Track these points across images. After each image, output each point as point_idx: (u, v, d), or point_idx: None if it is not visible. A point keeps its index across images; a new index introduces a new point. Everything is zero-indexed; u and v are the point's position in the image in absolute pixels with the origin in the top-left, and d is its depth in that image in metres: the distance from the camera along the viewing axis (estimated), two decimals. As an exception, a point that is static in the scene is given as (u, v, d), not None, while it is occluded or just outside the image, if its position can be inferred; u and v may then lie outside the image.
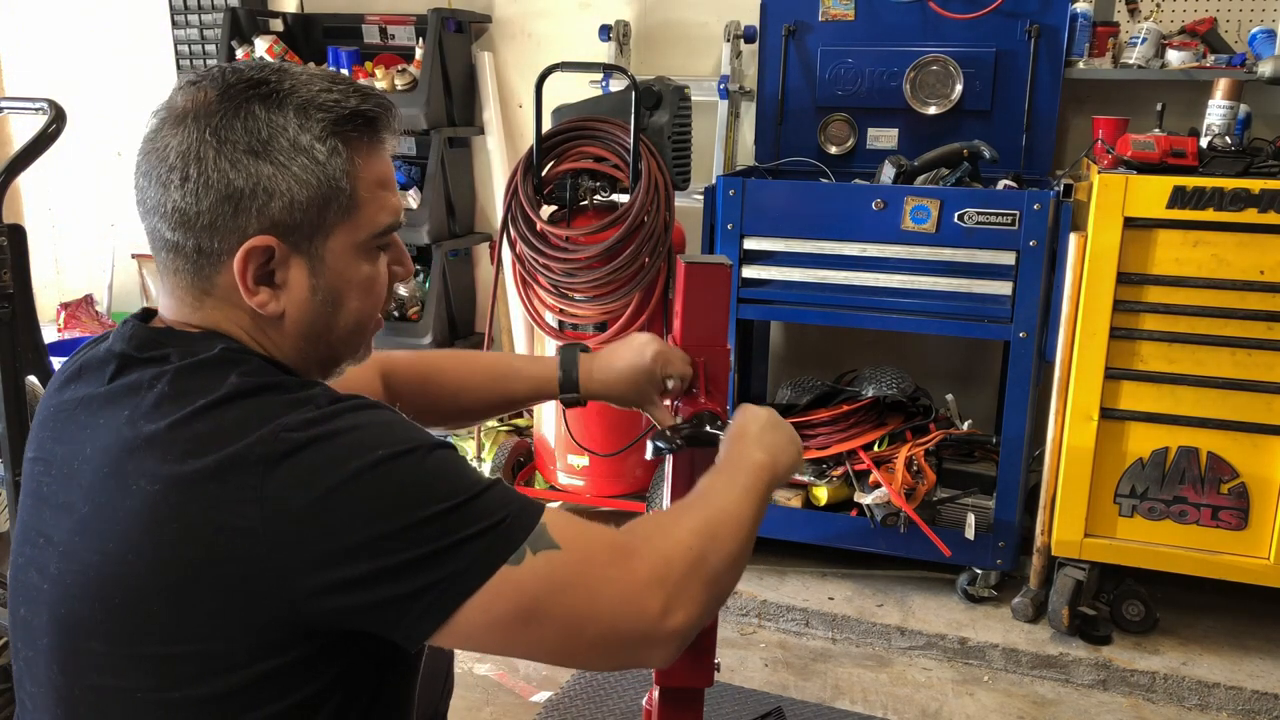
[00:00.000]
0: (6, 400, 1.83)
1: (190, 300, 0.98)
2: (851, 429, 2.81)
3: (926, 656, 2.68)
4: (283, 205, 0.94)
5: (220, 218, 0.93)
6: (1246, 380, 2.39)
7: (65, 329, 4.16)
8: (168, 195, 0.94)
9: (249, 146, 0.93)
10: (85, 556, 0.91)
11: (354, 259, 1.00)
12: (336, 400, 0.92)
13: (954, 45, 3.03)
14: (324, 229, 0.97)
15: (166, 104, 0.97)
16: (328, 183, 0.95)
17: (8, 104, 2.11)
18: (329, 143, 0.95)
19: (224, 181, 0.92)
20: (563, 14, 3.66)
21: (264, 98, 0.94)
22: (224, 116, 0.93)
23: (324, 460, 0.86)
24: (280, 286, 0.97)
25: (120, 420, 0.93)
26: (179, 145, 0.93)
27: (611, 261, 2.85)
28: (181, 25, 4.17)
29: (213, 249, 0.94)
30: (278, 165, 0.93)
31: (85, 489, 0.93)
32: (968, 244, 2.59)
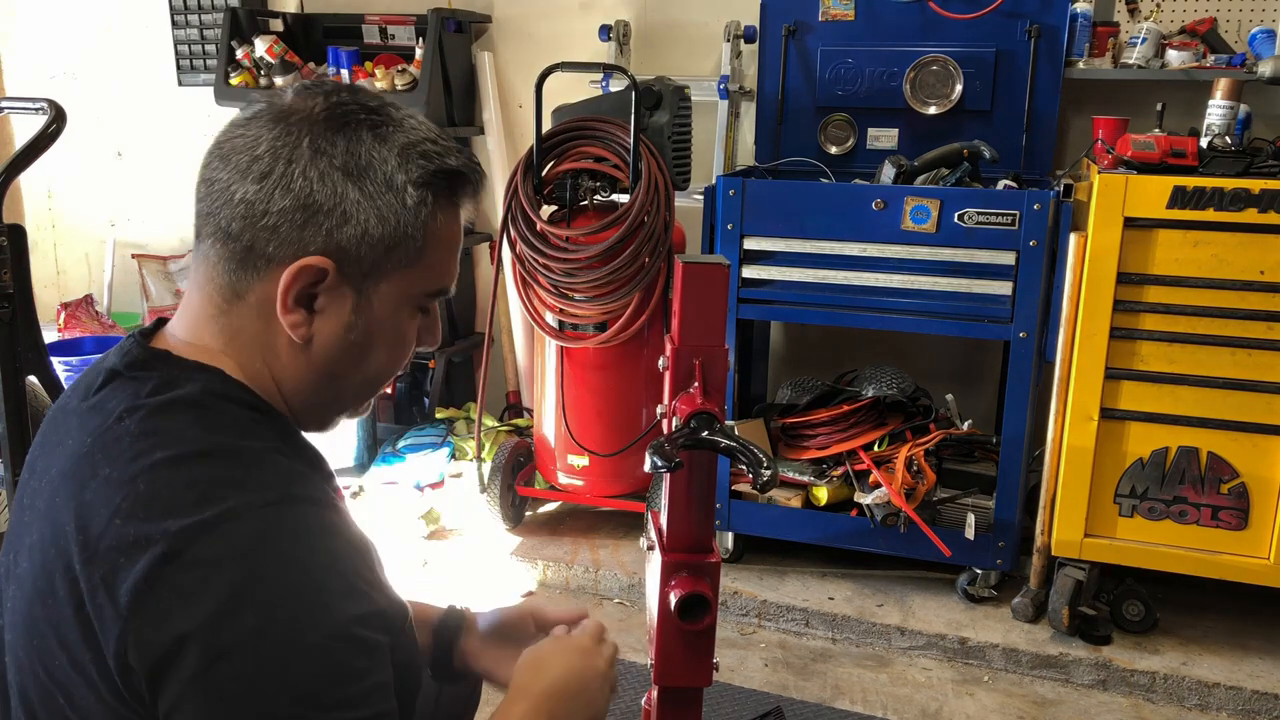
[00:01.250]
0: (6, 400, 1.83)
1: (218, 301, 0.94)
2: (851, 429, 2.81)
3: (926, 656, 2.68)
4: (354, 234, 0.91)
5: (287, 224, 0.90)
6: (1246, 380, 2.39)
7: (65, 329, 4.16)
8: (242, 184, 0.90)
9: (344, 166, 0.90)
10: (26, 590, 0.89)
11: (397, 310, 0.97)
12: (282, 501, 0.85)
13: (954, 45, 3.03)
14: (382, 271, 0.93)
15: (269, 99, 0.94)
16: (404, 228, 0.92)
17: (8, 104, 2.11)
18: (420, 191, 0.93)
19: (306, 190, 0.89)
20: (563, 14, 3.66)
21: (373, 126, 0.92)
22: (329, 129, 0.91)
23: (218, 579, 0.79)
24: (318, 313, 0.93)
25: (83, 447, 0.89)
26: (272, 139, 0.90)
27: (611, 261, 2.85)
28: (181, 25, 4.17)
29: (266, 253, 0.91)
30: (365, 194, 0.91)
31: (41, 513, 0.91)
32: (968, 244, 2.59)
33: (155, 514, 0.81)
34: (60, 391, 1.99)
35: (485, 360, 3.26)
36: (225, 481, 0.84)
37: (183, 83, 4.25)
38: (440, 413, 3.75)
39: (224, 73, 3.67)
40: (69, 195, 4.59)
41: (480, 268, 3.91)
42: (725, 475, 2.86)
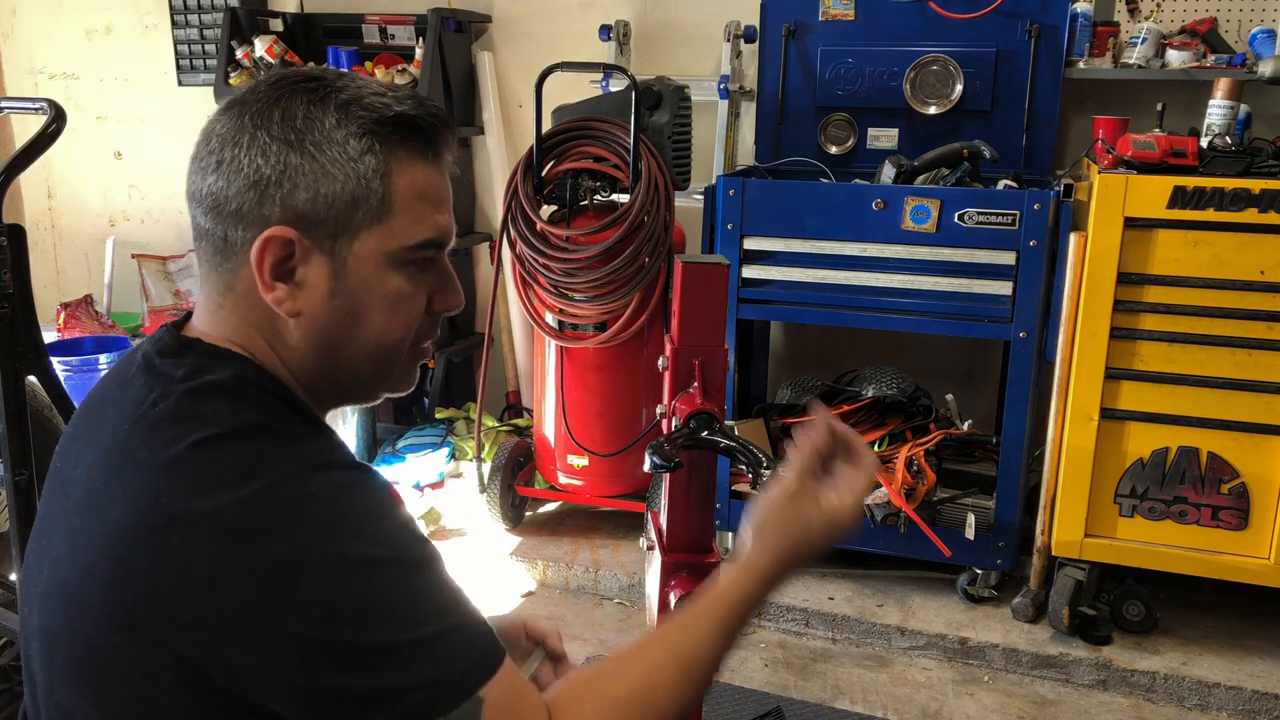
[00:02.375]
0: (6, 400, 1.82)
1: (215, 297, 0.96)
2: (851, 429, 2.81)
3: (926, 656, 2.68)
4: (307, 197, 0.91)
5: (246, 204, 0.91)
6: (1246, 380, 2.39)
7: (65, 329, 4.16)
8: (205, 179, 0.92)
9: (282, 135, 0.91)
10: (66, 569, 0.89)
11: (382, 269, 0.94)
12: (325, 467, 0.87)
13: (954, 45, 3.03)
14: (350, 230, 0.92)
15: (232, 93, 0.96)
16: (357, 181, 0.91)
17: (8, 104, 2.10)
18: (364, 140, 0.92)
19: (253, 167, 0.90)
20: (563, 14, 3.66)
21: (310, 91, 0.92)
22: (266, 104, 0.92)
23: (287, 543, 0.81)
24: (299, 285, 0.93)
25: (120, 434, 0.90)
26: (220, 130, 0.92)
27: (611, 261, 2.85)
28: (181, 25, 4.17)
29: (238, 238, 0.92)
30: (307, 156, 0.90)
31: (77, 499, 0.91)
32: (968, 244, 2.59)
33: (203, 492, 0.82)
34: (60, 391, 1.99)
35: (485, 360, 3.26)
36: (267, 454, 0.86)
37: (183, 83, 4.25)
38: (440, 413, 3.75)
39: (224, 73, 3.67)
40: (69, 195, 4.59)
41: (480, 268, 3.91)
42: (725, 475, 2.86)
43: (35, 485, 1.86)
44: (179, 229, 4.41)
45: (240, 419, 0.88)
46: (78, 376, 3.70)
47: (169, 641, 0.81)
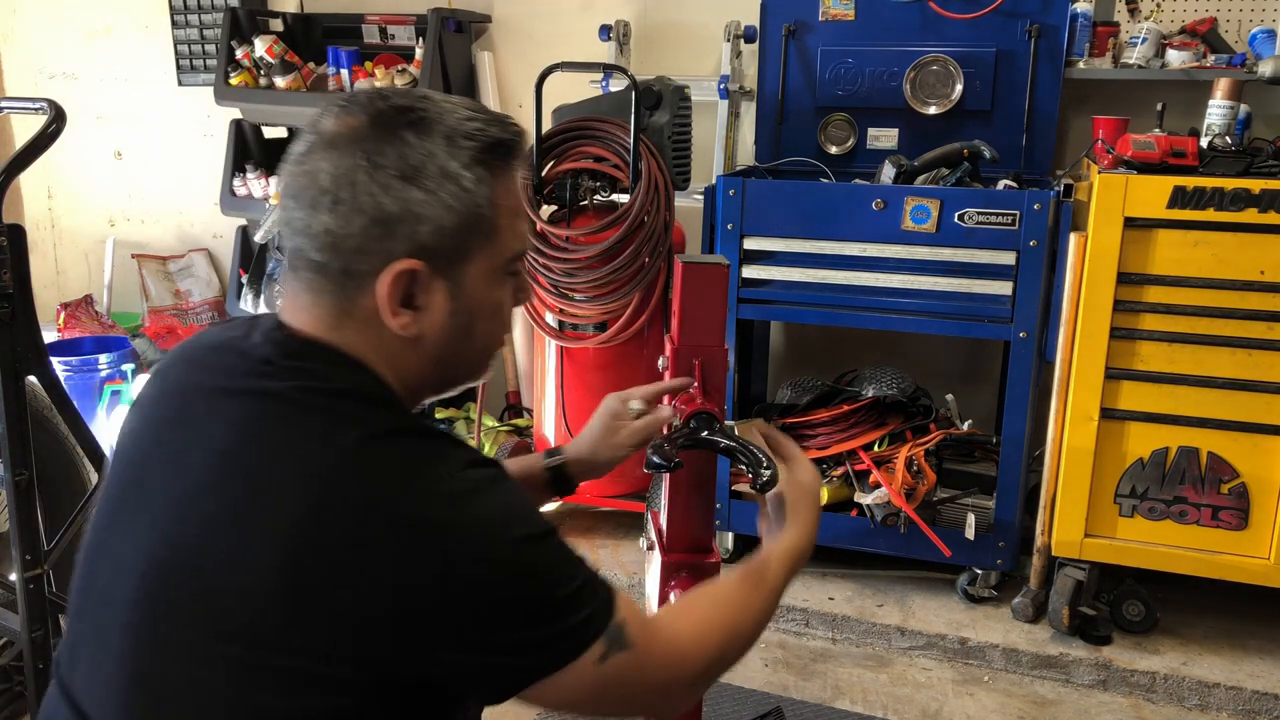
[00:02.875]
0: (6, 400, 1.82)
1: (329, 320, 1.00)
2: (851, 429, 2.81)
3: (926, 656, 2.68)
4: (430, 230, 0.96)
5: (369, 240, 0.96)
6: (1246, 380, 2.39)
7: (65, 329, 4.16)
8: (316, 217, 0.96)
9: (401, 172, 0.95)
10: (201, 553, 0.93)
11: (489, 284, 1.03)
12: (472, 464, 0.96)
13: (954, 45, 3.03)
14: (466, 254, 1.00)
15: (314, 128, 0.99)
16: (473, 209, 0.98)
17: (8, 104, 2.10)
18: (475, 170, 0.98)
19: (375, 205, 0.95)
20: (563, 14, 3.66)
21: (413, 124, 0.97)
22: (376, 142, 0.96)
23: (468, 536, 0.91)
24: (421, 309, 1.00)
25: (259, 426, 0.95)
26: (331, 169, 0.96)
27: (611, 261, 2.85)
28: (181, 25, 4.18)
29: (359, 271, 0.97)
30: (427, 191, 0.96)
31: (210, 485, 0.95)
32: (968, 244, 2.59)
33: (380, 485, 0.90)
34: (60, 391, 1.98)
35: (485, 360, 3.25)
36: (425, 453, 0.95)
37: (183, 83, 4.25)
38: (440, 413, 3.75)
39: (224, 73, 3.67)
40: (69, 195, 4.59)
41: (480, 268, 3.91)
42: (725, 475, 2.86)
43: (35, 485, 1.86)
44: (179, 229, 4.41)
45: (390, 421, 0.96)
46: (78, 376, 3.70)
47: (344, 625, 0.88)
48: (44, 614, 1.88)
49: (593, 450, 1.43)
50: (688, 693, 1.09)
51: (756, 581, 1.20)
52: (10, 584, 1.95)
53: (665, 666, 1.05)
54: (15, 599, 1.90)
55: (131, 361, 3.83)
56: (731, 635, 1.12)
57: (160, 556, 0.95)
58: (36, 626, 1.87)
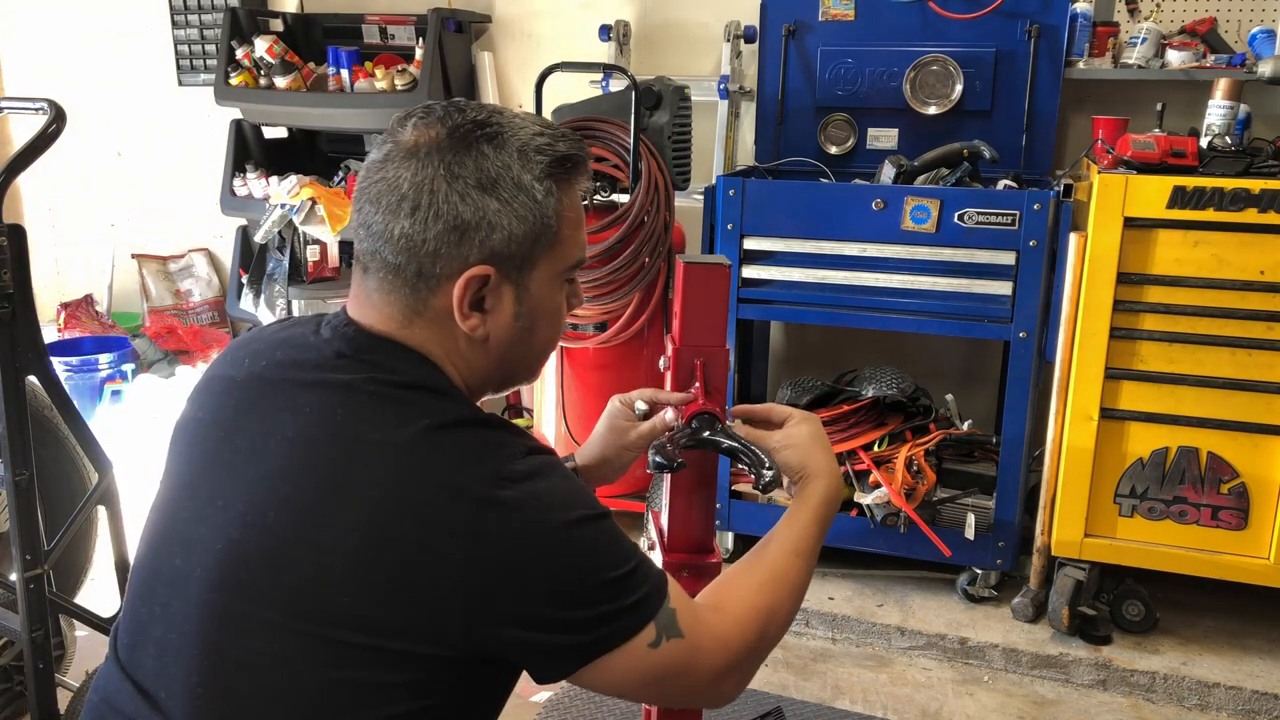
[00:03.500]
0: (6, 400, 1.82)
1: (400, 318, 1.06)
2: (851, 429, 2.81)
3: (926, 656, 2.68)
4: (502, 238, 1.03)
5: (445, 246, 1.02)
6: (1246, 380, 2.39)
7: (65, 329, 4.16)
8: (396, 222, 1.02)
9: (478, 182, 1.02)
10: (280, 535, 0.98)
11: (551, 289, 1.10)
12: (531, 451, 1.01)
13: (954, 45, 3.03)
14: (532, 261, 1.07)
15: (391, 136, 1.06)
16: (541, 219, 1.05)
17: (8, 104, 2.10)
18: (545, 183, 1.05)
19: (453, 213, 1.02)
20: (563, 14, 3.66)
21: (489, 138, 1.03)
22: (456, 153, 1.02)
23: (532, 515, 0.96)
24: (489, 312, 1.07)
25: (333, 415, 1.01)
26: (412, 177, 1.02)
27: (611, 261, 2.85)
28: (181, 25, 4.18)
29: (433, 274, 1.03)
30: (502, 201, 1.03)
31: (286, 470, 1.00)
32: (968, 244, 2.59)
33: (451, 468, 0.96)
34: (60, 391, 1.98)
35: (485, 360, 3.25)
36: (489, 440, 1.01)
37: (183, 83, 4.25)
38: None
39: (224, 73, 3.67)
40: (69, 195, 4.59)
41: (480, 268, 3.91)
42: (726, 475, 2.86)
43: (35, 485, 1.86)
44: (179, 229, 4.41)
45: (458, 411, 1.02)
46: (78, 376, 3.70)
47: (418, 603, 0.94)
48: (44, 614, 1.87)
49: (603, 454, 1.44)
50: (738, 682, 1.11)
51: (792, 550, 1.21)
52: (10, 584, 1.95)
53: (715, 656, 1.07)
54: (15, 599, 1.89)
55: (131, 361, 3.83)
56: (773, 616, 1.14)
57: (239, 538, 1.00)
58: (36, 626, 1.86)
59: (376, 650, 0.95)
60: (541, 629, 0.97)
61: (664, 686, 1.05)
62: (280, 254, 3.41)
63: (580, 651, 0.99)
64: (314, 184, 3.29)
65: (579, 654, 0.99)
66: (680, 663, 1.04)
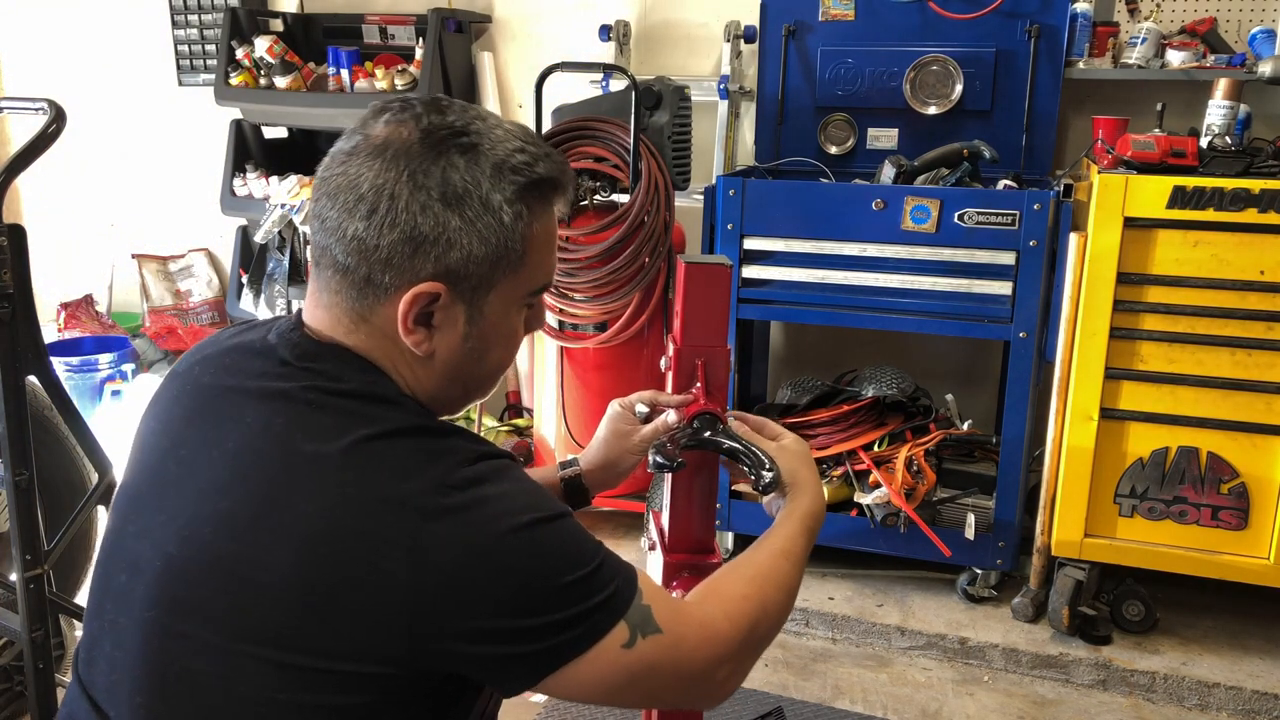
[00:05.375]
0: (6, 400, 1.82)
1: (346, 322, 1.01)
2: (851, 429, 2.81)
3: (926, 656, 2.68)
4: (460, 257, 0.97)
5: (398, 256, 0.96)
6: (1246, 380, 2.39)
7: (65, 329, 4.16)
8: (351, 222, 0.96)
9: (443, 196, 0.96)
10: (218, 553, 0.93)
11: (507, 313, 1.04)
12: (482, 457, 0.96)
13: (954, 45, 3.03)
14: (489, 283, 1.00)
15: (362, 130, 1.00)
16: (505, 243, 0.99)
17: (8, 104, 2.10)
18: (516, 206, 0.98)
19: (411, 223, 0.95)
20: (563, 14, 3.66)
21: (464, 150, 0.97)
22: (424, 160, 0.96)
23: (477, 522, 0.91)
24: (437, 329, 1.01)
25: (272, 426, 0.96)
26: (373, 178, 0.96)
27: (611, 261, 2.85)
28: (181, 25, 4.17)
29: (382, 282, 0.97)
30: (465, 219, 0.96)
31: (225, 484, 0.96)
32: (968, 244, 2.59)
33: (388, 480, 0.91)
34: (60, 391, 1.99)
35: (485, 360, 3.25)
36: (432, 448, 0.95)
37: (183, 83, 4.25)
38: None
39: (224, 73, 3.67)
40: (69, 195, 4.59)
41: (480, 268, 3.91)
42: (726, 475, 2.86)
43: (35, 485, 1.86)
44: (179, 229, 4.41)
45: (400, 419, 0.96)
46: (78, 376, 3.70)
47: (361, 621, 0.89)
48: (44, 614, 1.87)
49: (605, 458, 1.45)
50: (730, 675, 1.06)
51: (780, 552, 1.20)
52: (10, 584, 1.95)
53: (700, 648, 1.02)
54: (15, 599, 1.89)
55: (131, 361, 3.83)
56: (764, 609, 1.10)
57: (177, 554, 0.96)
58: (36, 626, 1.86)
59: (323, 672, 0.90)
60: (497, 641, 0.91)
61: (649, 686, 0.99)
62: (280, 254, 3.41)
63: (540, 660, 0.93)
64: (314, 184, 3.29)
65: (539, 663, 0.93)
66: (662, 658, 0.98)
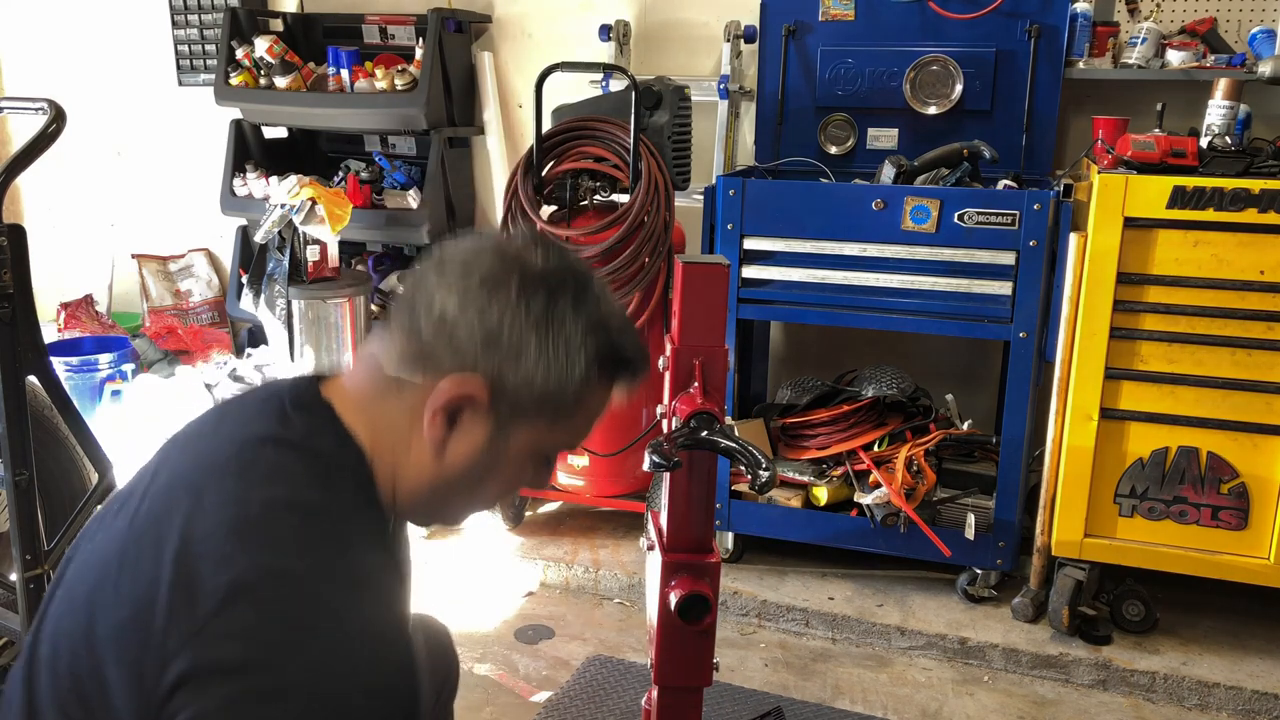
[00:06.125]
0: (7, 400, 1.82)
1: (379, 381, 1.02)
2: (851, 429, 2.81)
3: (926, 656, 2.68)
4: (518, 376, 0.99)
5: (468, 344, 0.98)
6: (1246, 380, 2.39)
7: (65, 329, 4.16)
8: (447, 296, 0.98)
9: (538, 318, 0.98)
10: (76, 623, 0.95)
11: (524, 454, 1.05)
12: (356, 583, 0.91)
13: (954, 45, 3.03)
14: (526, 417, 1.01)
15: (499, 233, 1.02)
16: (562, 387, 1.00)
17: (8, 104, 2.10)
18: (589, 365, 1.01)
19: (497, 323, 0.97)
20: (563, 14, 3.66)
21: (576, 294, 1.01)
22: (539, 283, 0.99)
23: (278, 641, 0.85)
24: (457, 428, 1.01)
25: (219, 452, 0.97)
26: (487, 268, 0.99)
27: (611, 261, 2.85)
28: (181, 25, 4.18)
29: (439, 362, 0.99)
30: (543, 348, 0.99)
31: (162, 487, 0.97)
32: (968, 244, 2.59)
33: (252, 543, 0.88)
34: (60, 391, 1.99)
35: (485, 360, 3.25)
36: (321, 537, 0.91)
37: (183, 83, 4.25)
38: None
39: (224, 73, 3.67)
40: (69, 195, 4.59)
41: (480, 268, 3.91)
42: (725, 475, 2.86)
43: (35, 485, 1.86)
44: (179, 229, 4.41)
45: (322, 498, 0.94)
46: (78, 376, 3.70)
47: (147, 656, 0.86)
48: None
49: None
50: None
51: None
52: (10, 584, 1.95)
53: None
54: (15, 599, 1.90)
55: (131, 361, 3.83)
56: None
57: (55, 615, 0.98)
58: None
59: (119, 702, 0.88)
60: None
61: None
62: (280, 254, 3.40)
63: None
64: (314, 184, 3.29)
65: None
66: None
